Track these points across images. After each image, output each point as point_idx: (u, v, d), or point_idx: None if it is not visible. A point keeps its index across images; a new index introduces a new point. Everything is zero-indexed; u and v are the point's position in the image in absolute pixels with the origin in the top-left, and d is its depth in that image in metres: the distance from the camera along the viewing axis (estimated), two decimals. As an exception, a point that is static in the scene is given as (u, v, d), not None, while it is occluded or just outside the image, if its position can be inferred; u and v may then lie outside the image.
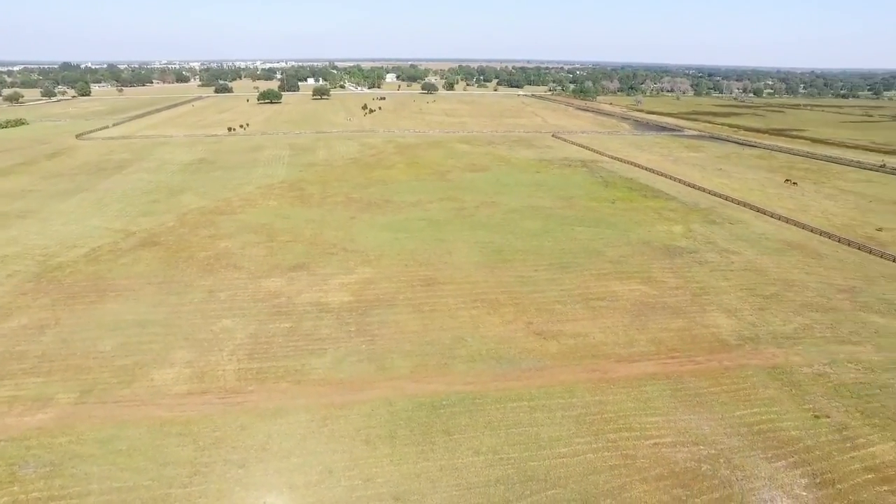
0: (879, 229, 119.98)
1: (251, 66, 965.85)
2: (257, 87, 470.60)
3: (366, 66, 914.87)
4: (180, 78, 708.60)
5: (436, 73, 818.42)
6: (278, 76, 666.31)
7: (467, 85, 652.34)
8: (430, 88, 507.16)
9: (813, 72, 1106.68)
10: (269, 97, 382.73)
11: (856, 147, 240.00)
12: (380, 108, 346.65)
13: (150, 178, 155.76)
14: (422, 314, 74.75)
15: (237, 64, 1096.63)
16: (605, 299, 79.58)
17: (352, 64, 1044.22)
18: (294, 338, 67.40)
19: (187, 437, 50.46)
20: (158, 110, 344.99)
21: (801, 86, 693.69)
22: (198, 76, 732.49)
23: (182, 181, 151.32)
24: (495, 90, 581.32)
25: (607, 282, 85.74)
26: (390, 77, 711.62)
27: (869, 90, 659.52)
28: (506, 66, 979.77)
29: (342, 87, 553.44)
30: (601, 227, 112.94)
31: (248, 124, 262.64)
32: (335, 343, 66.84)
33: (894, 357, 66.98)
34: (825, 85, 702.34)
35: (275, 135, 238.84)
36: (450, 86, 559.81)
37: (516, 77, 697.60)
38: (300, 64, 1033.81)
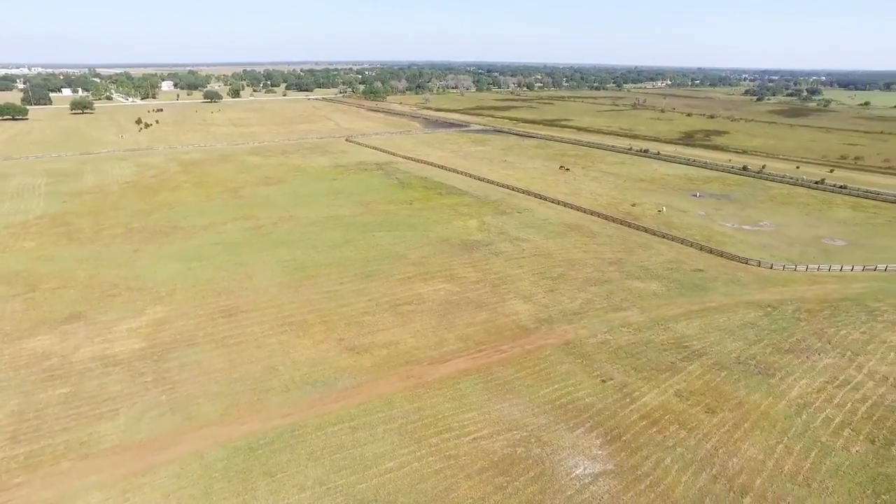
0: (634, 205, 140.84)
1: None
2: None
3: (136, 73, 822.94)
4: None
5: (219, 79, 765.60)
6: (20, 86, 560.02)
7: (254, 91, 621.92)
8: (213, 96, 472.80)
9: (572, 67, 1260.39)
10: (9, 112, 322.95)
11: (609, 133, 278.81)
12: (157, 121, 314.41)
13: None
14: (226, 349, 69.74)
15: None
16: (412, 303, 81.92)
17: (118, 71, 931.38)
18: (75, 404, 58.21)
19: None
20: None
21: (564, 80, 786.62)
22: None
23: None
24: (284, 95, 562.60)
25: (412, 285, 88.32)
26: (167, 85, 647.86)
27: (613, 83, 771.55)
28: (294, 69, 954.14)
29: (109, 98, 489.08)
30: (401, 230, 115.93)
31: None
32: (129, 400, 59.28)
33: (652, 316, 79.36)
34: (582, 79, 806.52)
35: (23, 159, 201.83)
36: (235, 93, 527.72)
37: (305, 80, 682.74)
38: (50, 71, 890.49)
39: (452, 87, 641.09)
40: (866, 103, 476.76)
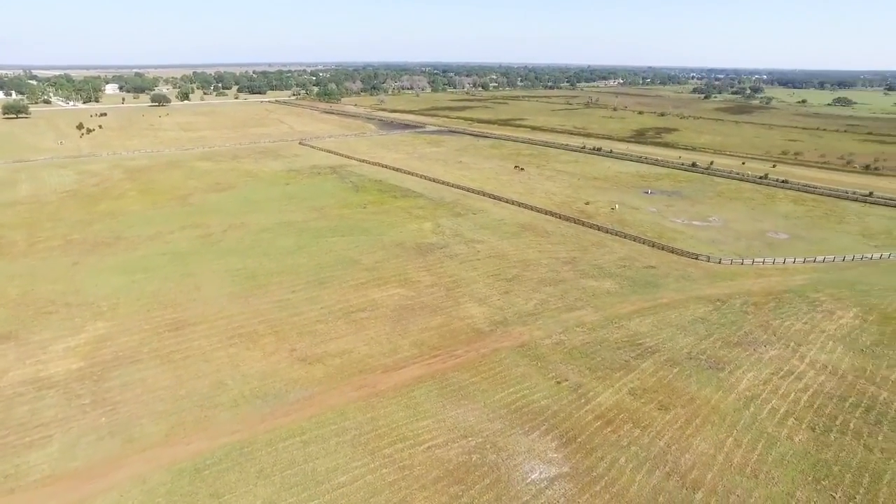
0: (587, 203, 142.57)
1: None
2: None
3: (77, 75, 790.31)
4: None
5: (167, 81, 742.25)
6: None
7: (205, 94, 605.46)
8: (161, 100, 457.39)
9: (526, 66, 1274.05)
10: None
11: (563, 132, 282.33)
12: (100, 126, 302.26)
13: None
14: (172, 364, 66.99)
15: None
16: (366, 309, 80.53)
17: (58, 73, 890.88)
18: (1, 433, 54.63)
19: None
20: None
21: (519, 79, 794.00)
22: None
23: None
24: (236, 98, 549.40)
25: (366, 291, 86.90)
26: (111, 88, 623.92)
27: (567, 82, 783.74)
28: (246, 71, 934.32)
29: (47, 101, 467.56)
30: (355, 235, 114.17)
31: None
32: (64, 424, 56.09)
33: (606, 314, 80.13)
34: (536, 78, 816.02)
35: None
36: (184, 96, 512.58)
37: (258, 82, 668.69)
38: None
39: (408, 88, 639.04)
40: (803, 101, 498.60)
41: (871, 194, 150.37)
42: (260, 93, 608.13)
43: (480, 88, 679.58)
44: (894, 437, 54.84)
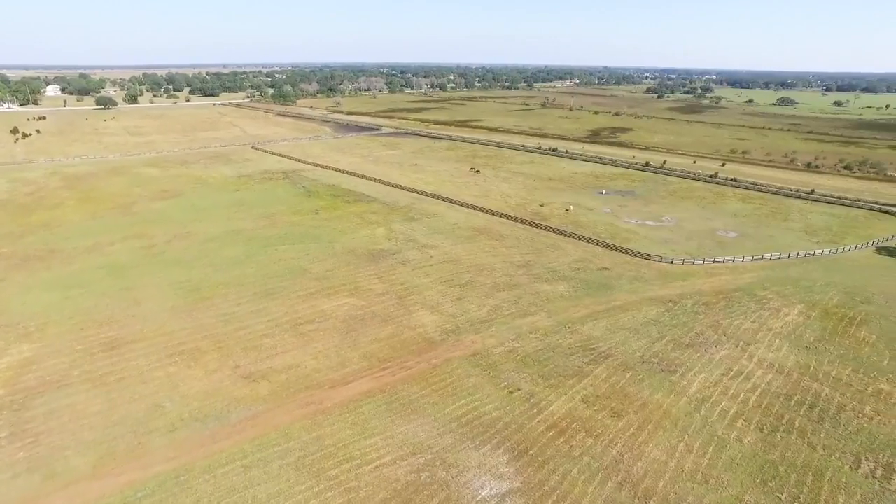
0: (542, 204, 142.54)
1: None
2: None
3: (14, 75, 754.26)
4: None
5: (115, 83, 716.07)
6: None
7: (154, 96, 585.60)
8: (107, 102, 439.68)
9: (484, 67, 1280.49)
10: None
11: (520, 132, 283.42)
12: (38, 130, 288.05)
13: None
14: (105, 388, 62.98)
15: None
16: (315, 321, 77.73)
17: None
18: None
19: None
20: None
21: (476, 80, 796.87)
22: None
23: None
24: (188, 100, 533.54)
25: (315, 301, 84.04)
26: (52, 90, 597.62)
27: (524, 83, 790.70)
28: (199, 73, 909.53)
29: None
30: (306, 242, 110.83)
31: None
32: (-24, 461, 51.76)
33: (560, 319, 79.46)
34: (494, 79, 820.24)
35: None
36: (132, 98, 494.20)
37: (211, 84, 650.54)
38: None
39: (365, 90, 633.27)
40: (750, 100, 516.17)
41: (812, 192, 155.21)
42: (213, 95, 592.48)
43: (438, 89, 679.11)
44: (835, 433, 55.75)
